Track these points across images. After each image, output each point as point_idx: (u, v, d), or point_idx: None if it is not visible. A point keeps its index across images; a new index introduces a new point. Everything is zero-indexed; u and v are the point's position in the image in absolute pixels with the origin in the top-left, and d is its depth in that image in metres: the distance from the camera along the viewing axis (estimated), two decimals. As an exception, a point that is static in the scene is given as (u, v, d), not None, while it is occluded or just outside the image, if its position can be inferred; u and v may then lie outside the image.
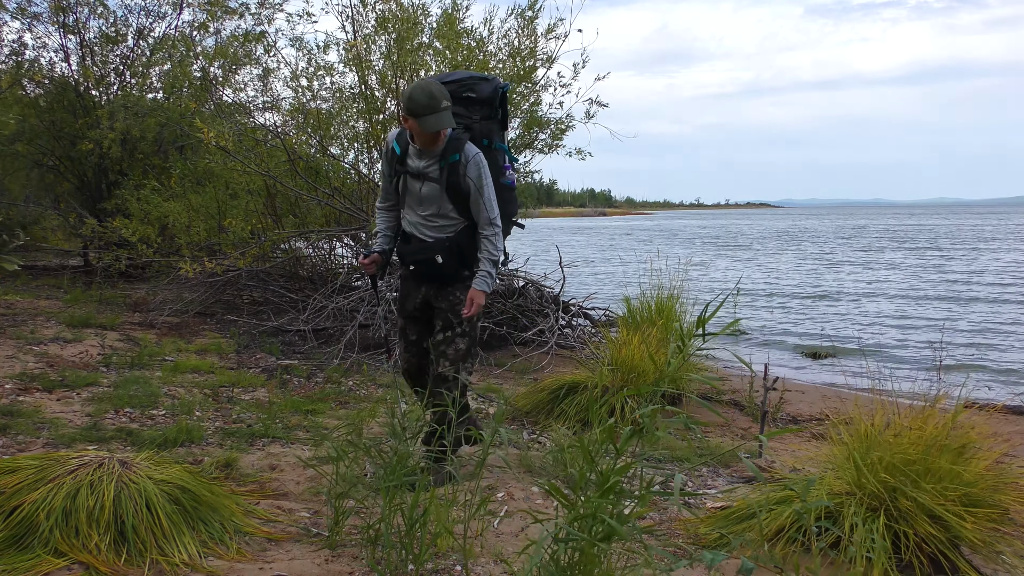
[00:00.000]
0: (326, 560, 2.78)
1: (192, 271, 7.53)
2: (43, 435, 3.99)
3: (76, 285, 9.59)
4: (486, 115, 3.54)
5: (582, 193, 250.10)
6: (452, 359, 3.52)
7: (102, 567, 2.48)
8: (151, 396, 4.87)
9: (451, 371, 3.50)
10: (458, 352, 3.53)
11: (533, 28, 7.97)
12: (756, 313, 12.72)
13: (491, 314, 7.64)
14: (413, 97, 3.25)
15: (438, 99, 3.24)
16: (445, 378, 3.51)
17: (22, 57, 10.54)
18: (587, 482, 2.14)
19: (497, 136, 3.59)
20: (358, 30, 7.82)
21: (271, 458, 3.91)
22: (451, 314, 3.51)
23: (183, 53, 8.66)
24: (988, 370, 8.29)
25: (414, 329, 3.66)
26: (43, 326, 6.88)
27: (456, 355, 3.52)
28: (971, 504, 2.97)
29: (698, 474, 4.26)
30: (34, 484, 2.67)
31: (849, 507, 2.96)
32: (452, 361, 3.51)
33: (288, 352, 6.77)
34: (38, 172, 11.50)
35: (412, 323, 3.66)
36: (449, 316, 3.52)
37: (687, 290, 6.41)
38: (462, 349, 3.53)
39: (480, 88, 3.50)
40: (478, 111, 3.51)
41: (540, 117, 8.19)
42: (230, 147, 7.49)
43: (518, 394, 5.71)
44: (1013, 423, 5.08)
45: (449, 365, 3.51)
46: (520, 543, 2.98)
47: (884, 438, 3.11)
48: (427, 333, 3.65)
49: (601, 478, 2.09)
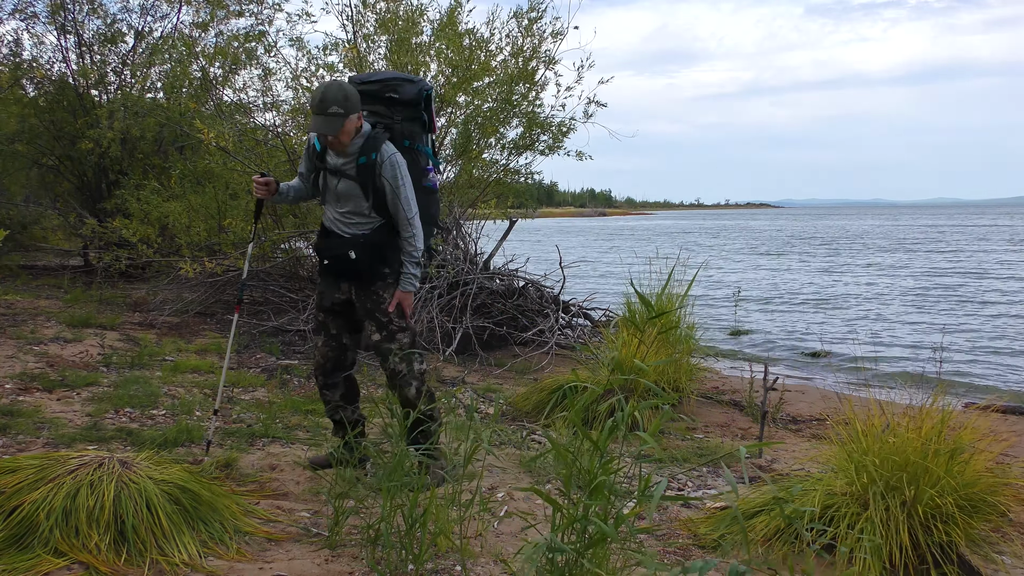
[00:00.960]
0: (326, 560, 2.78)
1: (192, 271, 7.54)
2: (43, 435, 3.99)
3: (76, 285, 9.59)
4: (409, 116, 3.53)
5: (582, 193, 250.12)
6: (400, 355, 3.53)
7: (102, 567, 2.48)
8: (151, 396, 4.87)
9: (402, 365, 3.51)
10: (402, 346, 3.53)
11: (537, 29, 7.99)
12: (757, 314, 12.73)
13: (491, 314, 7.65)
14: (312, 94, 3.34)
15: (328, 103, 3.23)
16: (397, 372, 3.53)
17: (20, 57, 10.53)
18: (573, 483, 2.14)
19: (420, 138, 3.59)
20: (358, 30, 7.83)
21: (271, 458, 3.91)
22: (379, 313, 3.51)
23: (183, 53, 8.66)
24: (988, 371, 8.29)
25: (334, 324, 3.66)
26: (43, 326, 6.88)
27: (402, 350, 3.53)
28: (970, 504, 2.97)
29: (698, 474, 4.26)
30: (34, 484, 2.67)
31: (847, 507, 2.96)
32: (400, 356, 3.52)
33: (288, 352, 6.78)
34: (38, 172, 11.50)
35: (332, 317, 3.66)
36: (378, 316, 3.52)
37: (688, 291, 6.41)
38: (406, 343, 3.53)
39: (403, 89, 3.50)
40: (400, 112, 3.51)
41: (542, 120, 8.21)
42: (230, 147, 7.50)
43: (518, 394, 5.71)
44: (1012, 423, 5.08)
45: (398, 360, 3.52)
46: (520, 543, 2.99)
47: (883, 439, 3.11)
48: (348, 328, 3.67)
49: (588, 477, 2.09)
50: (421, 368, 3.58)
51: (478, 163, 8.33)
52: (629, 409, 2.12)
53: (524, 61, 8.06)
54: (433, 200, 3.65)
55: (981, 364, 8.59)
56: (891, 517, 2.90)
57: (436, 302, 7.28)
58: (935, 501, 2.91)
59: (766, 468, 4.37)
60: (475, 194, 8.54)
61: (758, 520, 3.11)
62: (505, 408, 5.52)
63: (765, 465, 4.45)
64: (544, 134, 8.25)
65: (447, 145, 8.35)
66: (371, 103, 3.49)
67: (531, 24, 8.01)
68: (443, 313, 7.35)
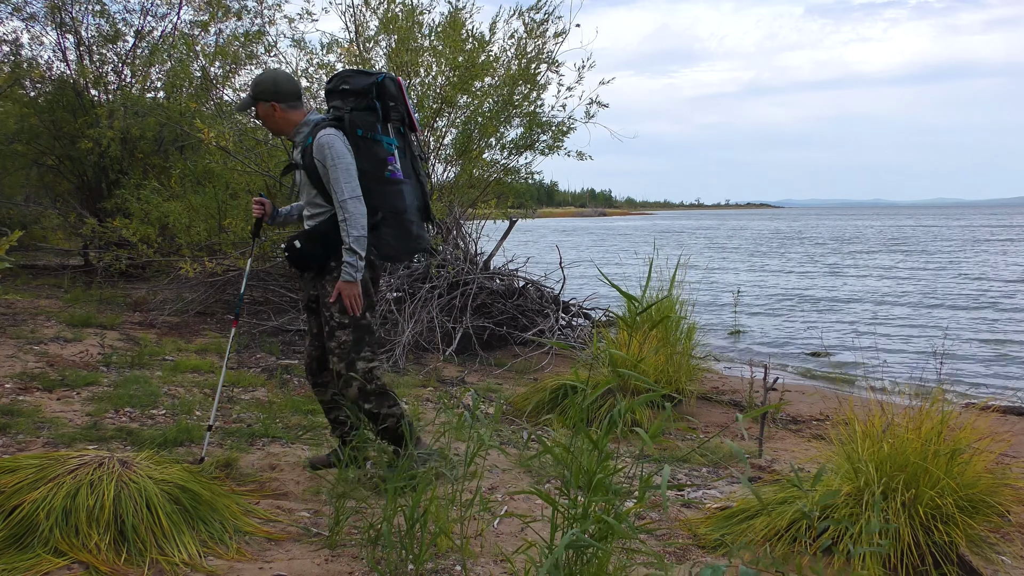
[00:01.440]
0: (326, 560, 2.78)
1: (192, 271, 7.54)
2: (43, 434, 3.99)
3: (76, 285, 9.59)
4: (360, 106, 3.50)
5: (582, 193, 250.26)
6: (338, 354, 3.45)
7: (102, 566, 2.48)
8: (151, 396, 4.87)
9: (341, 366, 3.44)
10: (343, 345, 3.44)
11: (543, 31, 7.99)
12: (757, 314, 12.73)
13: (491, 314, 7.65)
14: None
15: (251, 86, 3.51)
16: (338, 374, 3.47)
17: (19, 56, 10.54)
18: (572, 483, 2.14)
19: (375, 128, 3.50)
20: (360, 30, 7.83)
21: (271, 458, 3.91)
22: (324, 308, 3.48)
23: (183, 52, 8.67)
24: (988, 371, 8.29)
25: (315, 323, 3.66)
26: (43, 325, 6.88)
27: (341, 349, 3.44)
28: (970, 505, 2.97)
29: (698, 474, 4.26)
30: (34, 483, 2.67)
31: (846, 508, 2.96)
32: (339, 356, 3.45)
33: (288, 352, 6.77)
34: (38, 171, 11.50)
35: (310, 316, 3.67)
36: (324, 312, 3.48)
37: (688, 290, 6.42)
38: (346, 341, 3.44)
39: (354, 81, 3.52)
40: (351, 102, 3.51)
41: (542, 120, 8.21)
42: (230, 147, 7.50)
43: (518, 394, 5.71)
44: (1012, 424, 5.08)
45: (337, 360, 3.45)
46: (520, 543, 2.99)
47: (883, 439, 3.11)
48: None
49: (586, 476, 2.09)
50: (368, 366, 3.47)
51: (478, 163, 8.33)
52: (625, 406, 2.12)
53: (527, 62, 8.06)
54: (395, 192, 3.50)
55: (981, 364, 8.59)
56: (891, 518, 2.90)
57: (436, 302, 7.29)
58: (935, 502, 2.91)
59: (766, 468, 4.37)
60: (475, 194, 8.55)
61: (758, 520, 3.11)
62: (505, 408, 5.52)
63: (765, 465, 4.45)
64: (544, 134, 8.26)
65: (447, 145, 8.36)
66: (331, 99, 3.53)
67: (537, 26, 8.01)
68: (443, 313, 7.35)
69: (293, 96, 3.47)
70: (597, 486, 2.07)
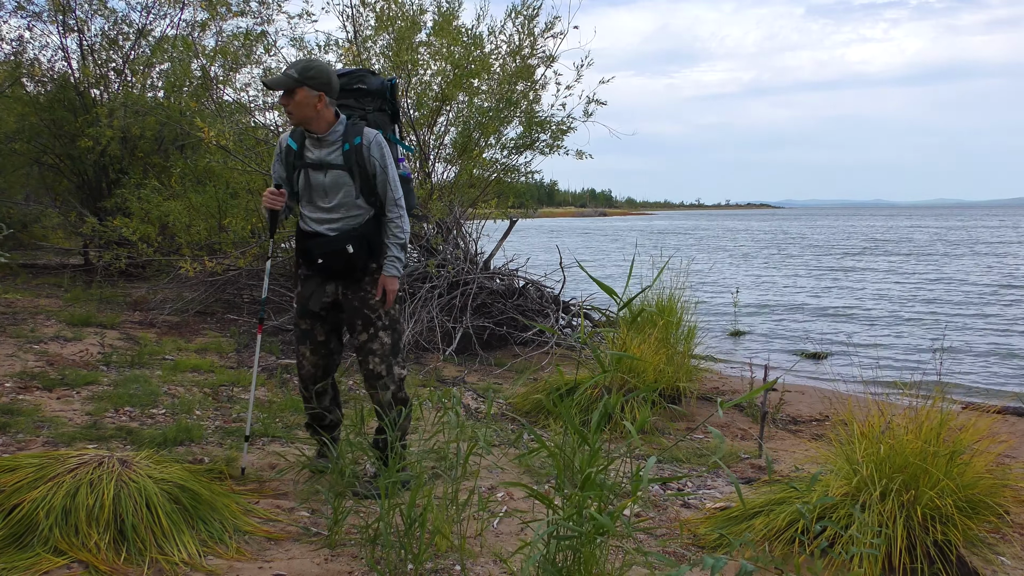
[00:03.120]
0: (325, 560, 2.78)
1: (192, 270, 7.54)
2: (43, 434, 3.99)
3: (76, 284, 9.59)
4: (377, 107, 3.55)
5: (582, 193, 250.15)
6: (380, 355, 3.43)
7: (102, 566, 2.49)
8: (151, 395, 4.88)
9: (382, 368, 3.43)
10: (384, 347, 3.43)
11: (531, 28, 8.00)
12: (757, 315, 12.72)
13: (491, 314, 7.65)
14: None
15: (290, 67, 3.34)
16: (378, 375, 3.44)
17: (21, 55, 10.53)
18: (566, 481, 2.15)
19: (389, 129, 3.59)
20: (358, 30, 7.83)
21: (271, 457, 3.91)
22: (367, 310, 3.43)
23: (183, 52, 8.67)
24: (988, 371, 8.29)
25: (321, 329, 3.53)
26: (43, 324, 6.88)
27: (383, 350, 3.43)
28: (969, 506, 2.97)
29: (697, 474, 4.26)
30: (34, 483, 2.68)
31: (845, 509, 2.96)
32: (381, 358, 3.43)
33: (288, 351, 6.77)
34: (38, 170, 11.49)
35: (319, 323, 3.52)
36: (366, 313, 3.43)
37: (689, 291, 6.41)
38: (388, 344, 3.44)
39: (369, 81, 3.54)
40: (370, 103, 3.53)
41: (541, 119, 8.20)
42: (230, 146, 7.50)
43: (518, 394, 5.71)
44: (1011, 424, 5.09)
45: (379, 362, 3.43)
46: (519, 543, 2.99)
47: (882, 440, 3.11)
48: (335, 334, 3.58)
49: (578, 473, 2.10)
50: (401, 373, 3.49)
51: (478, 163, 8.33)
52: (615, 399, 2.12)
53: (522, 59, 8.06)
54: (409, 190, 3.59)
55: (981, 364, 8.59)
56: (889, 519, 2.90)
57: (436, 302, 7.29)
58: (934, 502, 2.91)
59: (765, 469, 4.37)
60: (475, 194, 8.55)
61: (757, 520, 3.11)
62: (505, 408, 5.52)
63: (764, 466, 4.45)
64: (543, 133, 8.26)
65: (447, 145, 8.36)
66: (342, 96, 3.50)
67: (527, 21, 8.02)
68: (443, 313, 7.35)
69: (336, 94, 3.42)
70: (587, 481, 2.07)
